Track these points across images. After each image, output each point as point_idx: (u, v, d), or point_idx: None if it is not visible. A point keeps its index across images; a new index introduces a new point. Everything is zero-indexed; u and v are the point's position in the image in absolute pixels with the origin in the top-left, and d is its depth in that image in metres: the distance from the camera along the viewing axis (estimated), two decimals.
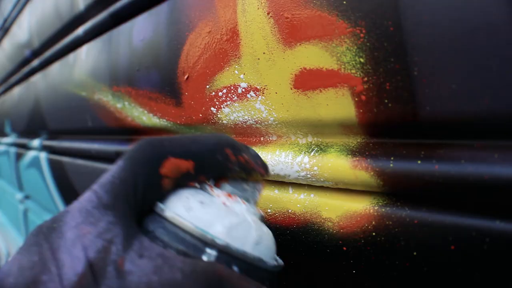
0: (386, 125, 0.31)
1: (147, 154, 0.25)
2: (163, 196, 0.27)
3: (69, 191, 1.07)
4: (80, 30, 0.84)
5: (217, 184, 0.30)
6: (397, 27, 0.29)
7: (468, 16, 0.25)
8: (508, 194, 0.24)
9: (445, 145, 0.28)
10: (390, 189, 0.31)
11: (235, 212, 0.27)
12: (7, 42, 1.62)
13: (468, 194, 0.26)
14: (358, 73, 0.31)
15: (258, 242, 0.26)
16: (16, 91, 1.58)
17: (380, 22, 0.30)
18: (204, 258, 0.23)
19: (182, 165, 0.27)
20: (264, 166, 0.32)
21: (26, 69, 1.36)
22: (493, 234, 0.26)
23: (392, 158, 0.30)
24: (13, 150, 1.78)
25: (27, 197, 1.69)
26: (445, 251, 0.28)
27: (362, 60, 0.31)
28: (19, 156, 1.66)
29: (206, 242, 0.24)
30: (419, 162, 0.29)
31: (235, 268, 0.24)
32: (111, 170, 0.25)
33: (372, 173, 0.31)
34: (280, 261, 0.29)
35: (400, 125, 0.30)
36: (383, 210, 0.32)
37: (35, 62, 1.23)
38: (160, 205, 0.26)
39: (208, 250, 0.24)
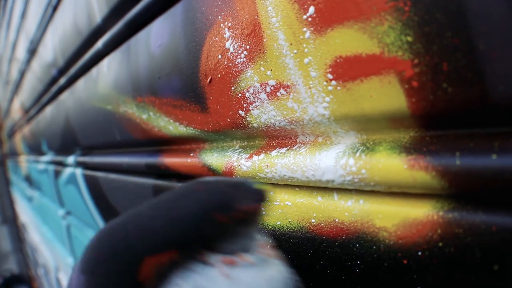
0: (447, 115, 0.26)
1: (113, 268, 0.20)
2: None
3: (106, 206, 1.06)
4: (99, 43, 0.82)
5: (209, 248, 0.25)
6: None
7: None
8: None
9: None
10: (458, 191, 0.26)
11: (241, 281, 0.23)
12: (36, 63, 1.64)
13: None
14: (406, 55, 0.26)
15: None
16: (48, 110, 1.60)
17: None
18: None
19: (163, 259, 0.22)
20: (259, 196, 0.27)
21: (54, 88, 1.37)
22: None
23: (458, 154, 0.25)
24: (51, 168, 1.81)
25: (68, 213, 1.71)
26: None
27: (409, 38, 0.26)
28: (57, 174, 1.68)
29: None
30: (494, 156, 0.23)
31: None
32: None
33: (433, 173, 0.26)
34: None
35: (466, 112, 0.25)
36: (450, 215, 0.26)
37: (62, 80, 1.23)
38: None
39: None
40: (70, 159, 1.35)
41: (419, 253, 0.28)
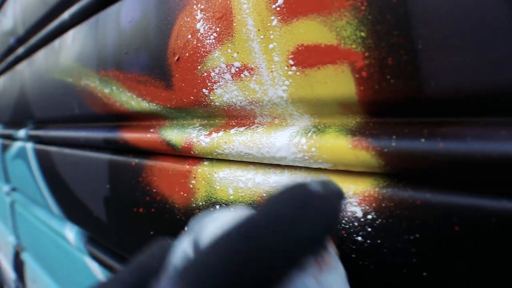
0: (389, 103, 0.30)
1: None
2: None
3: (56, 182, 1.04)
4: (66, 15, 0.81)
5: None
6: None
7: None
8: None
9: (450, 123, 0.27)
10: (392, 170, 0.30)
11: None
12: None
13: (474, 172, 0.25)
14: (358, 48, 0.30)
15: None
16: (1, 81, 1.54)
17: None
18: None
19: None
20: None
21: (11, 58, 1.32)
22: (499, 214, 0.24)
23: (394, 137, 0.29)
24: None
25: (14, 189, 1.66)
26: (449, 233, 0.27)
27: (363, 34, 0.30)
28: (5, 148, 1.62)
29: None
30: (422, 140, 0.27)
31: None
32: None
33: (373, 152, 0.30)
34: None
35: (404, 102, 0.29)
36: (384, 191, 0.30)
37: (20, 50, 1.20)
38: None
39: None
40: (21, 133, 1.32)
41: (355, 224, 0.32)
